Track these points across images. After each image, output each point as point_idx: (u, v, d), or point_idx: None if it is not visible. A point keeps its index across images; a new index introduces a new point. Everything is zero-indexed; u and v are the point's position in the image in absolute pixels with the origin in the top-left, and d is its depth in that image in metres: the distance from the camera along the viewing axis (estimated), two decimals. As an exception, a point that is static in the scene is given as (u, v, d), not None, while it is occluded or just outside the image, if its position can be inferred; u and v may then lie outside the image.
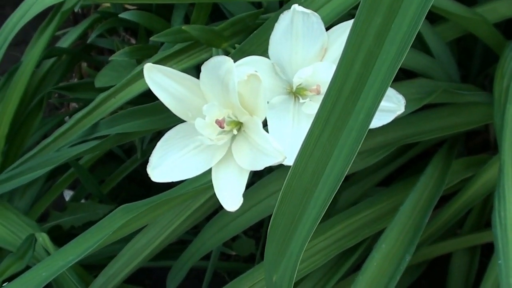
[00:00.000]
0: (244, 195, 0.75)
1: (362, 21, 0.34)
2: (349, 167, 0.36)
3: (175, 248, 0.92)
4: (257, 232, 1.10)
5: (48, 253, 0.66)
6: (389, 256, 0.66)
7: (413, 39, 0.33)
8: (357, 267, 0.76)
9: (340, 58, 0.35)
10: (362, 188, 0.84)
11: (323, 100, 0.36)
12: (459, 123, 0.82)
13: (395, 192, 0.80)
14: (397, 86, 0.75)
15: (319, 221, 0.37)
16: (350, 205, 0.80)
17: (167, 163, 0.52)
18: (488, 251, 0.85)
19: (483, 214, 0.90)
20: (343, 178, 0.38)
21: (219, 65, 0.48)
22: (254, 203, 0.75)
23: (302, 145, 0.38)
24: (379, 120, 0.53)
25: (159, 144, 0.52)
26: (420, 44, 0.77)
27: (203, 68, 0.50)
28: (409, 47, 0.33)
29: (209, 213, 0.77)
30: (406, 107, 0.72)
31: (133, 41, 1.19)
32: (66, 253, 0.56)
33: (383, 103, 0.52)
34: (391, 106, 0.53)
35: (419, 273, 0.95)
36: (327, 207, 0.37)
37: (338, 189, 0.83)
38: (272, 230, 0.40)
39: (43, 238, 0.65)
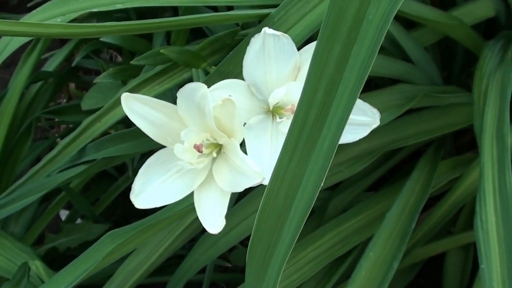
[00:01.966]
0: (235, 209, 0.76)
1: (322, 50, 0.35)
2: (319, 189, 0.37)
3: (172, 262, 0.93)
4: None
5: (42, 280, 0.67)
6: (378, 264, 0.67)
7: (371, 65, 0.34)
8: (349, 275, 0.77)
9: (304, 87, 0.36)
10: (350, 195, 0.85)
11: (290, 128, 0.37)
12: (444, 125, 0.82)
13: (383, 198, 0.81)
14: (378, 94, 0.76)
15: (293, 244, 0.38)
16: (340, 212, 0.81)
17: (149, 189, 0.53)
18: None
19: (473, 212, 0.91)
20: (318, 192, 0.39)
21: (194, 91, 0.49)
22: (245, 216, 0.76)
23: (273, 171, 0.39)
24: (355, 134, 0.54)
25: (141, 170, 0.53)
26: (398, 51, 0.78)
27: (178, 94, 0.51)
28: (368, 73, 0.34)
29: (202, 228, 0.78)
30: (388, 114, 0.74)
31: (119, 58, 1.20)
32: (58, 281, 0.57)
33: (359, 117, 0.54)
34: (366, 120, 0.54)
35: (416, 273, 0.96)
36: (300, 230, 0.38)
37: (327, 198, 0.84)
38: (250, 255, 0.41)
39: (36, 266, 0.66)
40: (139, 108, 0.52)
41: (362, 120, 0.54)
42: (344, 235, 0.76)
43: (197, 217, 0.72)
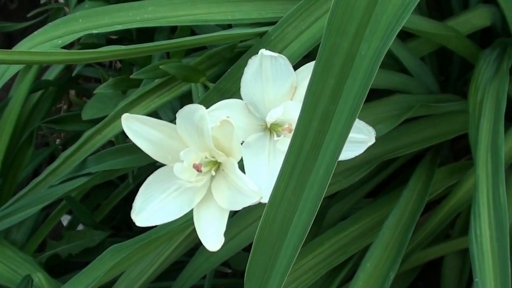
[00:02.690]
0: (234, 219, 0.77)
1: (316, 82, 0.36)
2: (315, 214, 0.38)
3: (173, 268, 0.94)
4: (253, 245, 1.11)
5: (45, 292, 0.68)
6: (375, 275, 0.68)
7: (365, 96, 0.35)
8: (347, 284, 0.78)
9: (299, 115, 0.37)
10: (348, 203, 0.86)
11: (286, 156, 0.38)
12: (440, 133, 0.83)
13: (381, 206, 0.82)
14: (375, 105, 0.77)
15: (290, 269, 0.39)
16: (338, 220, 0.82)
17: (149, 208, 0.54)
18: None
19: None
20: (312, 221, 0.40)
21: (192, 112, 0.50)
22: (245, 226, 0.78)
23: (270, 197, 0.40)
24: (351, 152, 0.55)
25: (141, 189, 0.54)
26: (394, 62, 0.79)
27: (178, 115, 0.52)
28: (362, 104, 0.35)
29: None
30: (385, 124, 0.75)
31: (119, 64, 1.20)
32: (61, 296, 0.58)
33: (355, 135, 0.55)
34: (362, 137, 0.55)
35: (414, 276, 0.97)
36: (297, 255, 0.39)
37: (325, 206, 0.85)
38: (249, 277, 0.42)
39: (39, 278, 0.67)
40: (139, 128, 0.53)
41: (358, 138, 0.55)
42: (343, 243, 0.78)
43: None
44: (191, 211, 0.55)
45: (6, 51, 0.47)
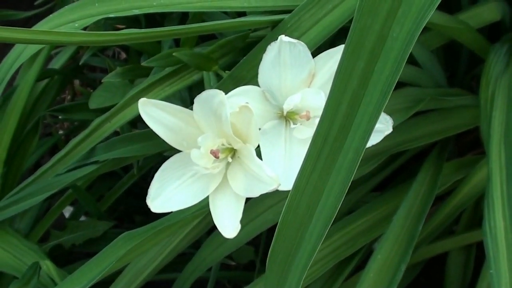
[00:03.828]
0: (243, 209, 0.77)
1: (346, 65, 0.35)
2: (341, 200, 0.38)
3: (178, 260, 0.94)
4: (256, 239, 1.11)
5: (52, 280, 0.68)
6: (385, 266, 0.68)
7: (397, 80, 0.35)
8: (355, 276, 0.78)
9: (328, 98, 0.37)
10: (356, 196, 0.85)
11: (312, 139, 0.38)
12: (449, 127, 0.83)
13: (389, 199, 0.82)
14: (385, 97, 0.77)
15: (315, 254, 0.39)
16: (346, 214, 0.82)
17: (165, 194, 0.53)
18: (483, 247, 0.87)
19: (476, 213, 0.92)
20: (339, 206, 0.40)
21: (211, 98, 0.50)
22: (252, 217, 0.77)
23: (295, 181, 0.40)
24: (369, 141, 0.55)
25: (156, 175, 0.54)
26: (406, 55, 0.78)
27: (196, 100, 0.51)
28: (392, 89, 0.35)
29: (208, 228, 0.79)
30: (396, 117, 0.75)
31: (123, 55, 1.20)
32: (72, 282, 0.58)
33: (373, 124, 0.54)
34: (380, 126, 0.55)
35: (418, 272, 0.97)
36: (321, 241, 0.39)
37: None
38: (271, 262, 0.42)
39: (47, 266, 0.67)
40: (156, 114, 0.53)
41: (376, 127, 0.54)
42: (350, 236, 0.77)
43: (203, 218, 0.73)
44: (205, 199, 0.54)
45: (27, 30, 0.46)
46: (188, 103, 0.77)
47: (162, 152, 0.70)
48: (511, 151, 0.64)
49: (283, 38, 0.51)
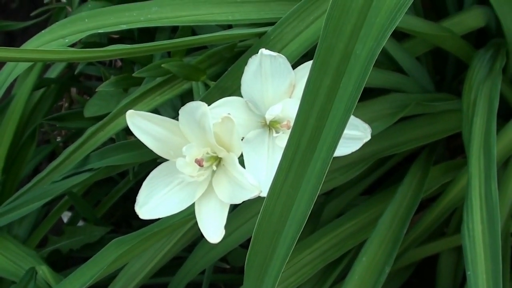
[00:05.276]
0: (233, 214, 0.79)
1: (313, 81, 0.37)
2: (311, 207, 0.40)
3: (173, 264, 0.96)
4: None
5: (49, 285, 0.70)
6: (370, 269, 0.70)
7: (360, 94, 0.37)
8: (343, 278, 0.80)
9: (297, 112, 0.39)
10: (345, 200, 0.87)
11: (284, 151, 0.40)
12: (435, 132, 0.85)
13: (377, 202, 0.84)
14: (371, 103, 0.79)
15: (288, 257, 0.41)
16: (335, 217, 0.84)
17: (153, 201, 0.55)
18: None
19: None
20: (309, 212, 0.42)
21: (195, 109, 0.52)
22: (244, 221, 0.79)
23: (269, 190, 0.42)
24: (348, 148, 0.57)
25: (145, 182, 0.56)
26: (390, 62, 0.80)
27: (181, 111, 0.54)
28: (356, 103, 0.37)
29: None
30: (381, 122, 0.77)
31: (119, 62, 1.22)
32: (65, 287, 0.60)
33: (351, 132, 0.56)
34: (358, 134, 0.57)
35: (410, 273, 0.98)
36: (294, 245, 0.41)
37: (322, 202, 0.87)
38: (249, 266, 0.44)
39: (43, 271, 0.69)
40: (143, 124, 0.55)
41: (354, 135, 0.57)
42: (339, 239, 0.79)
43: (196, 223, 0.75)
44: (192, 205, 0.56)
45: (16, 49, 0.49)
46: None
47: (157, 159, 0.72)
48: (490, 156, 0.66)
49: (263, 51, 0.53)
